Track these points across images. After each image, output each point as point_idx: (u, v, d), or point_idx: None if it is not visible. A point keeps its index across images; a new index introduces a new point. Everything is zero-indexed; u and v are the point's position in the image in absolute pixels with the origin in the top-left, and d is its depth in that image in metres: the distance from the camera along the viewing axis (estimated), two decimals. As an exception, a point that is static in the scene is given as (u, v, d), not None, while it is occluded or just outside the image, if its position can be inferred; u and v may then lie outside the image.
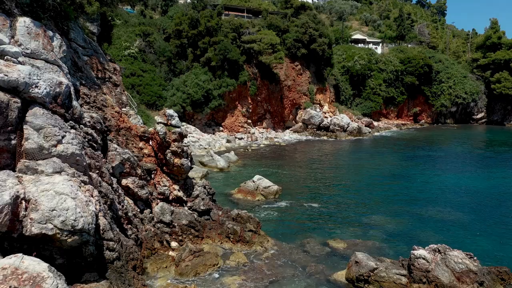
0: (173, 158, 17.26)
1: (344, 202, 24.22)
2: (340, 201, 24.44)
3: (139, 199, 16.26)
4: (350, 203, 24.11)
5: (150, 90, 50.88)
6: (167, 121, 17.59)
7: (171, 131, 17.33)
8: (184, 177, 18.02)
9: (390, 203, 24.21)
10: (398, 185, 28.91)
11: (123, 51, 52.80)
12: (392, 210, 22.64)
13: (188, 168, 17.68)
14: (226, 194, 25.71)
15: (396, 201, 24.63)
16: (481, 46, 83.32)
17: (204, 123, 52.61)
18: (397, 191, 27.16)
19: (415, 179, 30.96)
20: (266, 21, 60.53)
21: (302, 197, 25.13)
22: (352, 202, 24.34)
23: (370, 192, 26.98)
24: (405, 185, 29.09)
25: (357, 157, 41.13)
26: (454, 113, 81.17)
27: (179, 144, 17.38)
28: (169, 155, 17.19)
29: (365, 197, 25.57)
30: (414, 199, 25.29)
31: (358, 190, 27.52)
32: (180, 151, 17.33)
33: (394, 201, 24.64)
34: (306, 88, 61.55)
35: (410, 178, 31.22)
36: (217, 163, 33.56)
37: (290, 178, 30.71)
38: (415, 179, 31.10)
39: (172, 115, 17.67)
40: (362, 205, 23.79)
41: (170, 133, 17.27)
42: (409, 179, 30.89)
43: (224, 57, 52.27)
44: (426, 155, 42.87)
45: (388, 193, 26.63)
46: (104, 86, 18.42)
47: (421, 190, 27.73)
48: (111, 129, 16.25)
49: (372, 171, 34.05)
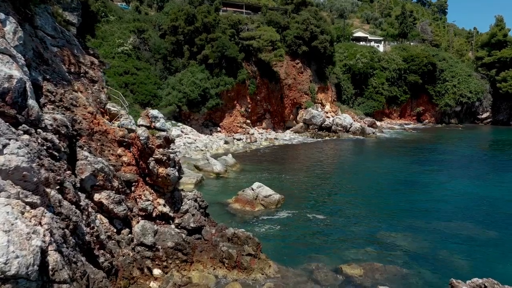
0: (157, 167, 14.41)
1: (353, 213, 21.36)
2: (349, 212, 21.59)
3: (115, 217, 13.42)
4: (359, 214, 21.26)
5: (145, 89, 48.02)
6: (151, 123, 14.73)
7: (155, 135, 14.47)
8: (171, 189, 15.17)
9: (404, 214, 21.38)
10: (411, 193, 26.06)
11: (116, 48, 49.88)
12: (408, 224, 19.81)
13: (175, 179, 14.82)
14: (222, 203, 22.86)
15: (411, 213, 21.80)
16: (486, 44, 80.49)
17: (201, 123, 49.74)
18: (410, 201, 24.31)
19: (428, 186, 28.11)
20: (265, 17, 57.66)
21: (306, 207, 22.29)
22: (361, 213, 21.48)
23: (380, 201, 24.15)
24: (419, 193, 26.24)
25: (363, 160, 38.31)
26: (459, 113, 78.34)
27: (164, 150, 14.53)
28: (152, 163, 14.34)
29: (376, 207, 22.73)
30: (430, 211, 22.45)
31: (367, 199, 24.68)
32: (166, 159, 14.48)
33: (409, 213, 21.81)
34: (307, 87, 58.68)
35: (423, 185, 28.37)
36: (213, 167, 30.71)
37: (292, 184, 27.86)
38: (428, 186, 28.26)
39: (156, 116, 14.81)
40: (373, 217, 20.95)
41: (153, 137, 14.42)
42: (422, 186, 28.03)
43: (222, 55, 49.40)
44: (436, 159, 40.05)
45: (401, 203, 23.78)
46: (77, 82, 15.55)
47: (437, 199, 24.88)
48: (82, 133, 13.40)
49: (379, 176, 31.21)
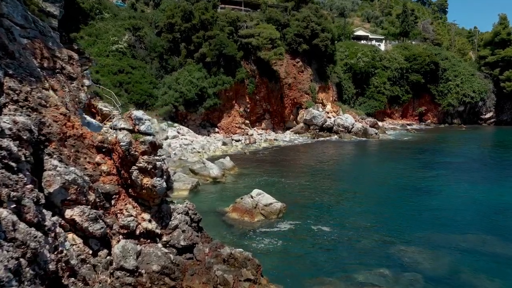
0: (141, 177, 12.34)
1: (362, 225, 19.27)
2: (357, 223, 19.50)
3: (91, 236, 11.37)
4: (368, 226, 19.17)
5: (140, 88, 45.96)
6: (134, 126, 12.65)
7: (138, 140, 12.41)
8: (158, 202, 13.10)
9: (417, 226, 19.29)
10: (422, 201, 23.95)
11: (111, 46, 47.80)
12: (423, 237, 17.75)
13: (162, 191, 12.74)
14: (219, 212, 20.80)
15: (424, 224, 19.71)
16: (489, 43, 78.46)
17: (198, 124, 47.68)
18: (422, 209, 22.21)
19: (440, 193, 26.02)
20: (265, 14, 55.57)
21: (310, 217, 20.20)
22: (371, 224, 19.40)
23: (390, 210, 22.08)
24: (430, 200, 24.14)
25: (367, 164, 36.29)
26: (462, 113, 76.32)
27: (150, 158, 12.47)
28: (136, 173, 12.26)
29: (386, 218, 20.66)
30: (445, 221, 20.36)
31: (376, 207, 22.61)
32: (151, 167, 12.41)
33: (422, 224, 19.72)
34: (308, 86, 56.63)
35: (434, 191, 26.27)
36: (210, 172, 28.63)
37: (294, 190, 25.78)
38: (440, 192, 26.16)
39: (140, 118, 12.73)
40: (384, 229, 18.86)
41: (137, 143, 12.34)
42: (433, 193, 25.92)
43: (220, 53, 47.33)
44: (444, 161, 37.99)
45: (413, 212, 21.69)
46: (51, 79, 13.46)
47: (451, 207, 22.78)
48: (52, 139, 11.33)
49: (387, 181, 29.14)
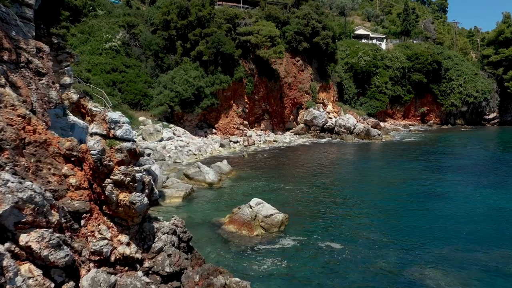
0: (116, 192, 10.14)
1: (374, 239, 17.05)
2: (368, 237, 17.29)
3: (53, 266, 9.18)
4: (383, 242, 16.89)
5: (134, 88, 43.81)
6: (108, 130, 10.42)
7: (114, 147, 10.20)
8: (138, 221, 10.89)
9: (436, 241, 17.03)
10: (437, 211, 21.68)
11: (104, 44, 45.60)
12: (443, 254, 15.55)
13: (143, 207, 10.53)
14: (214, 224, 18.59)
15: (443, 238, 17.47)
16: (492, 42, 76.36)
17: (195, 124, 45.48)
18: (438, 221, 19.95)
19: (454, 201, 23.72)
20: (264, 11, 53.36)
21: (315, 231, 17.99)
22: (385, 240, 17.09)
23: (403, 221, 19.83)
24: (446, 210, 21.85)
25: (372, 167, 34.09)
26: (464, 113, 74.18)
27: (128, 168, 10.26)
28: (110, 187, 10.06)
29: (400, 231, 18.42)
30: (465, 234, 18.09)
31: (387, 218, 20.38)
32: (130, 180, 10.21)
33: (440, 238, 17.49)
34: (308, 86, 54.46)
35: (448, 200, 23.95)
36: (205, 176, 26.42)
37: (296, 197, 23.58)
38: (454, 200, 23.87)
39: (117, 121, 10.49)
40: (400, 245, 16.58)
41: (112, 150, 10.14)
42: (448, 201, 23.60)
43: (217, 51, 45.12)
44: (454, 165, 35.73)
45: (429, 224, 19.40)
46: (13, 74, 11.27)
47: (469, 218, 20.50)
48: (4, 146, 9.13)
49: (395, 187, 26.93)
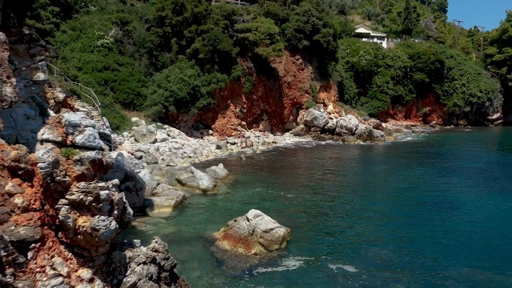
0: (74, 216, 7.83)
1: (392, 260, 14.67)
2: (385, 258, 14.90)
3: (-15, 316, 6.89)
4: (401, 262, 14.50)
5: (127, 87, 41.41)
6: (65, 137, 8.09)
7: (71, 157, 7.89)
8: (105, 251, 8.57)
9: (461, 262, 14.77)
10: (453, 223, 19.31)
11: (96, 41, 43.18)
12: (470, 275, 13.32)
13: (109, 234, 8.21)
14: (206, 240, 16.26)
15: (466, 257, 15.17)
16: (495, 41, 74.09)
17: (191, 125, 43.12)
18: (456, 235, 17.58)
19: (471, 210, 21.39)
20: (262, 8, 51.02)
21: (321, 248, 15.67)
22: (403, 260, 14.74)
23: (418, 236, 17.48)
24: (466, 221, 19.50)
25: (378, 172, 31.77)
26: (467, 114, 71.92)
27: (90, 185, 7.95)
28: (65, 210, 7.74)
29: (416, 248, 16.08)
30: (490, 249, 15.92)
31: (401, 232, 18.04)
32: (92, 200, 7.89)
33: (463, 256, 15.20)
34: (308, 85, 52.15)
35: (464, 209, 21.59)
36: (199, 182, 24.08)
37: (297, 206, 21.25)
38: (471, 209, 21.52)
39: (76, 124, 8.15)
40: (419, 267, 14.29)
41: (68, 162, 7.83)
42: (464, 211, 21.21)
43: (214, 48, 42.76)
44: (463, 168, 33.48)
45: (447, 239, 17.05)
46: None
47: (488, 230, 18.25)
48: None
49: (405, 194, 24.60)
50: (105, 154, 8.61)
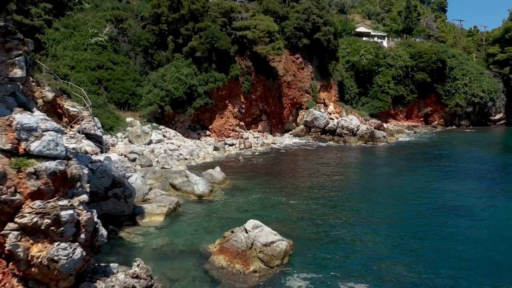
0: (25, 243, 6.20)
1: (407, 279, 13.10)
2: (400, 276, 13.30)
3: None
4: (416, 280, 12.99)
5: (122, 86, 39.70)
6: (17, 144, 6.43)
7: (23, 170, 6.23)
8: (67, 285, 6.91)
9: (482, 278, 13.18)
10: (471, 234, 17.64)
11: (89, 39, 41.45)
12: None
13: (71, 266, 6.54)
14: (200, 253, 14.60)
15: (490, 274, 13.62)
16: (498, 40, 72.48)
17: (188, 126, 41.44)
18: (474, 248, 15.98)
19: (490, 218, 19.81)
20: (261, 5, 49.36)
21: (329, 263, 14.03)
22: (419, 277, 13.21)
23: (435, 249, 15.80)
24: (483, 231, 17.90)
25: (385, 175, 30.11)
26: (470, 114, 70.30)
27: (48, 204, 6.31)
28: (13, 236, 6.11)
29: (434, 263, 14.47)
30: None
31: (414, 244, 16.36)
32: (50, 223, 6.26)
33: (487, 274, 13.63)
34: (309, 85, 50.50)
35: (481, 217, 19.99)
36: (194, 187, 22.40)
37: (300, 215, 19.57)
38: (487, 217, 19.98)
39: (30, 127, 6.48)
40: (437, 285, 12.74)
41: (19, 176, 6.19)
42: (482, 219, 19.61)
43: (212, 47, 41.08)
44: (473, 171, 31.70)
45: (465, 253, 15.41)
46: None
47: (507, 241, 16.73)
48: None
49: (416, 201, 22.88)
50: (71, 164, 6.95)
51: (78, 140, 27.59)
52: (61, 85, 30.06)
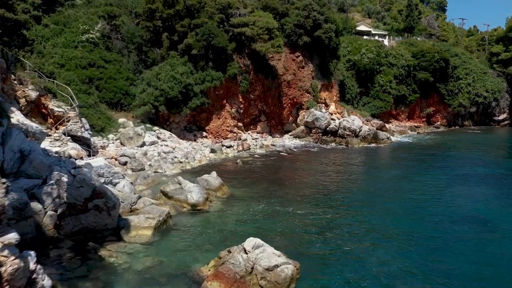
0: None
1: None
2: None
3: None
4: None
5: (114, 86, 37.49)
6: None
7: None
8: None
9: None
10: (504, 248, 15.66)
11: (80, 36, 39.23)
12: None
13: None
14: (191, 278, 12.42)
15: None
16: (502, 39, 70.49)
17: (183, 127, 39.24)
18: (495, 261, 13.99)
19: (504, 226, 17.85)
20: (260, 1, 47.18)
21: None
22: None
23: (465, 267, 13.79)
24: (502, 247, 15.91)
25: (394, 180, 27.89)
26: (473, 114, 68.29)
27: None
28: None
29: (466, 283, 12.43)
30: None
31: (439, 259, 14.34)
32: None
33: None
34: (309, 84, 48.33)
35: (493, 225, 18.03)
36: (188, 196, 20.18)
37: (307, 228, 17.32)
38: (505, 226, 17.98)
39: None
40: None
41: None
42: (496, 228, 17.67)
43: (208, 44, 38.88)
44: (483, 175, 29.81)
45: (499, 272, 13.45)
46: None
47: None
48: None
49: (432, 210, 20.67)
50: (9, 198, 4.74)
51: (63, 143, 25.42)
52: (46, 84, 27.86)
